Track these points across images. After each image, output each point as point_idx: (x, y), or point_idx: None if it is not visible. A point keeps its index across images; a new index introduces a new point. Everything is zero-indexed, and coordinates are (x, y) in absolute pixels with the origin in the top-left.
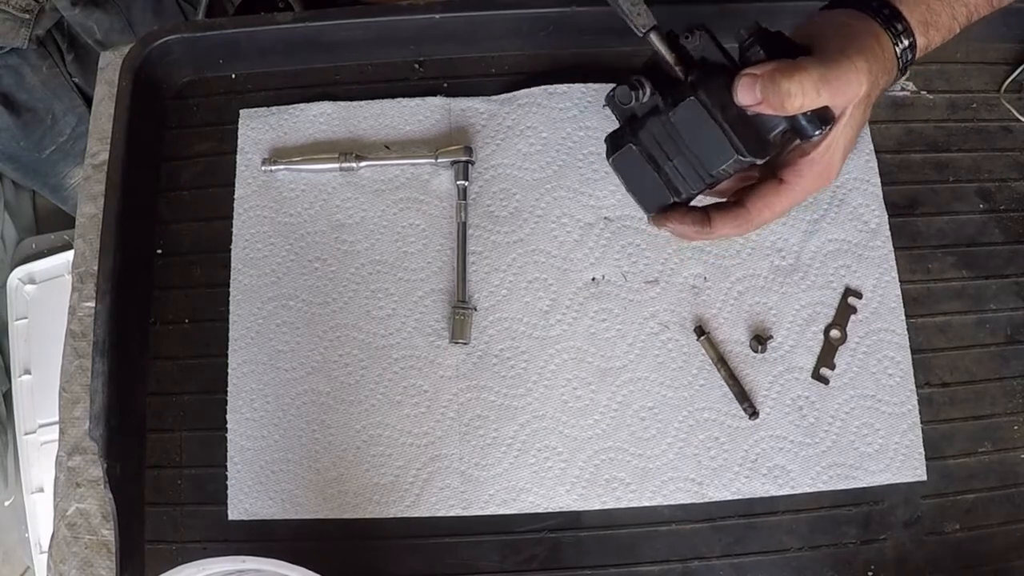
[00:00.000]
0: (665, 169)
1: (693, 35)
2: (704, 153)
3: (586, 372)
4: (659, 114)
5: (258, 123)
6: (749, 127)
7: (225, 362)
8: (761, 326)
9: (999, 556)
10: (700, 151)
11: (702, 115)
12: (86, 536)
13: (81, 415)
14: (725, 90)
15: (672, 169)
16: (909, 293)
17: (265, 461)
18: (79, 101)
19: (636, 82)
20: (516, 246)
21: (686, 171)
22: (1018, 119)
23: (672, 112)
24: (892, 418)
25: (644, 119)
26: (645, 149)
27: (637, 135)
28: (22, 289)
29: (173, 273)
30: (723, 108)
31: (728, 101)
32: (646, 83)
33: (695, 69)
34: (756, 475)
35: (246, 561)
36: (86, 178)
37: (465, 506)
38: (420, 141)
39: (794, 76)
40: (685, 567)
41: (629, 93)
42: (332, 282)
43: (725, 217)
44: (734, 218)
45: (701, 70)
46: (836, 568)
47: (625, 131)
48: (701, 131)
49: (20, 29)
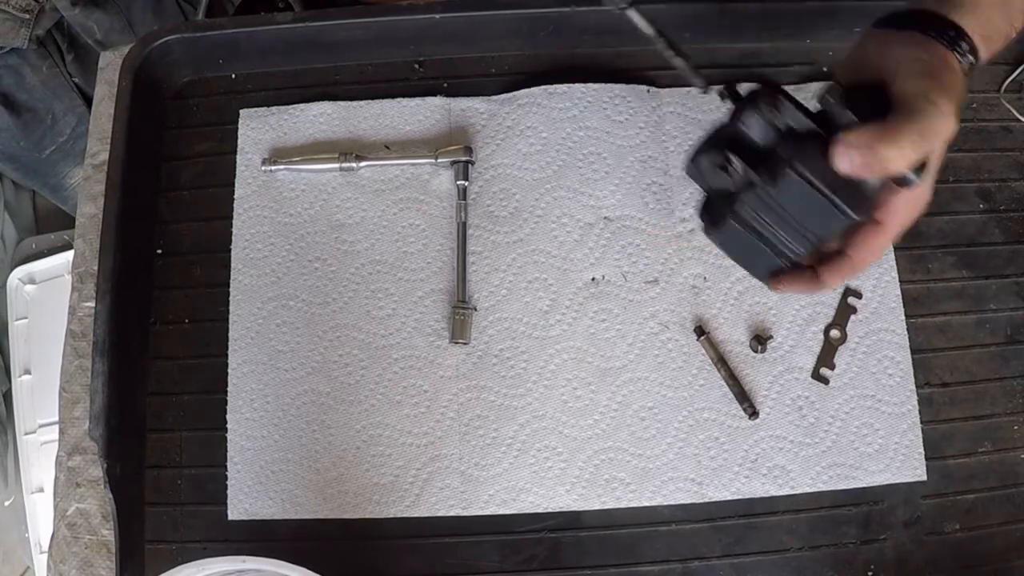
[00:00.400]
0: (768, 237)
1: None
2: (810, 220)
3: (586, 372)
4: (754, 187)
5: (258, 123)
6: (850, 187)
7: (225, 362)
8: (761, 326)
9: (999, 556)
10: (805, 219)
11: (804, 188)
12: (86, 536)
13: (81, 415)
14: (820, 156)
15: (775, 236)
16: (909, 293)
17: (265, 461)
18: (79, 101)
19: (725, 160)
20: (516, 246)
21: (791, 236)
22: (1018, 119)
23: (773, 187)
24: (892, 418)
25: (738, 192)
26: (745, 222)
27: (734, 209)
28: (22, 289)
29: (173, 273)
30: (822, 175)
31: (825, 167)
32: (736, 160)
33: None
34: (756, 475)
35: (246, 561)
36: (86, 178)
37: (465, 506)
38: (420, 141)
39: (892, 142)
40: (685, 567)
41: (726, 178)
42: (332, 282)
43: (832, 270)
44: (839, 269)
45: (791, 140)
46: (836, 568)
47: (718, 202)
48: (805, 202)
49: (20, 29)
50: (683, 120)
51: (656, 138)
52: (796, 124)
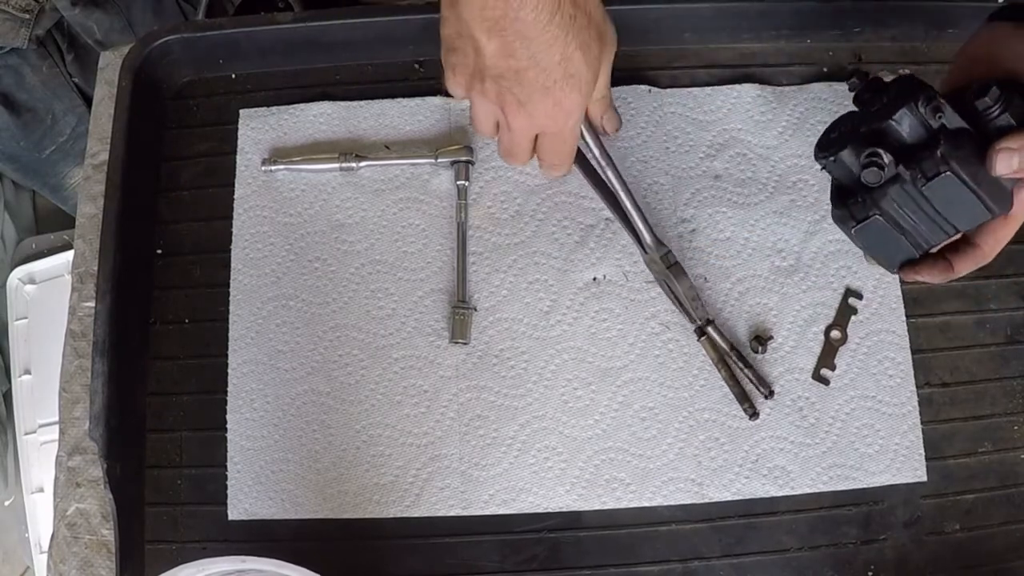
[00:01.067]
0: (907, 228)
1: (937, 109)
2: (956, 216)
3: (587, 372)
4: (900, 182)
5: (258, 123)
6: (995, 185)
7: (225, 362)
8: (762, 327)
9: (999, 556)
10: (951, 214)
11: (958, 187)
12: (86, 536)
13: (81, 415)
14: (973, 157)
15: (914, 227)
16: (909, 293)
17: (265, 461)
18: (79, 101)
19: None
20: (517, 247)
21: (930, 228)
22: None
23: (926, 185)
24: (892, 419)
25: (884, 186)
26: (888, 215)
27: (878, 204)
28: (22, 289)
29: (173, 273)
30: (974, 175)
31: (977, 167)
32: (888, 157)
33: (942, 138)
34: (756, 476)
35: (246, 561)
36: (86, 178)
37: (465, 506)
38: (420, 141)
39: None
40: (685, 567)
41: (876, 173)
42: (332, 282)
43: (964, 259)
44: (972, 258)
45: (947, 139)
46: (836, 568)
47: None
48: (956, 199)
49: (20, 29)
50: (684, 120)
51: (657, 139)
52: (949, 123)
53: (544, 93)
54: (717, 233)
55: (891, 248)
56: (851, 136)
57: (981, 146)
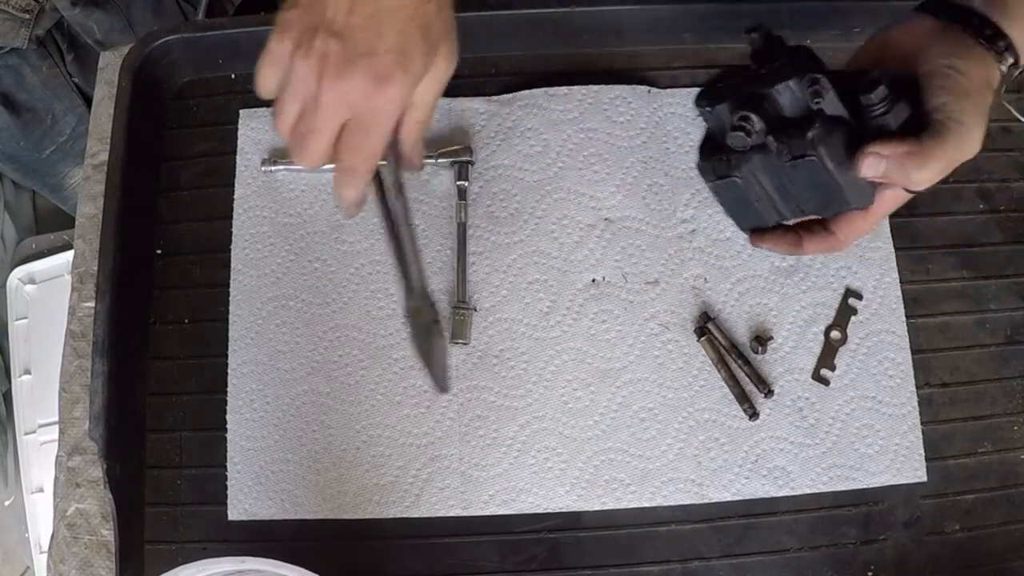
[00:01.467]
0: (763, 197)
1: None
2: (814, 200)
3: (586, 373)
4: (766, 151)
5: (258, 123)
6: (858, 179)
7: (225, 362)
8: (761, 327)
9: (999, 556)
10: (810, 197)
11: (821, 173)
12: (86, 536)
13: (81, 415)
14: (843, 147)
15: (770, 198)
16: (909, 293)
17: (265, 461)
18: (79, 101)
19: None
20: (516, 247)
21: (786, 203)
22: (1018, 119)
23: (790, 162)
24: (892, 419)
25: (749, 152)
26: (747, 179)
27: (740, 167)
28: (22, 289)
29: (173, 273)
30: (839, 165)
31: (845, 159)
32: (759, 124)
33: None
34: (756, 476)
35: (246, 561)
36: (86, 178)
37: (465, 506)
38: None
39: (923, 164)
40: (685, 567)
41: (744, 139)
42: (332, 282)
43: (816, 241)
44: (824, 242)
45: (823, 124)
46: (836, 568)
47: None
48: (817, 184)
49: (20, 29)
50: (684, 121)
51: (657, 139)
52: (828, 108)
53: (370, 59)
54: (717, 233)
55: (745, 211)
56: (733, 92)
57: (855, 138)
